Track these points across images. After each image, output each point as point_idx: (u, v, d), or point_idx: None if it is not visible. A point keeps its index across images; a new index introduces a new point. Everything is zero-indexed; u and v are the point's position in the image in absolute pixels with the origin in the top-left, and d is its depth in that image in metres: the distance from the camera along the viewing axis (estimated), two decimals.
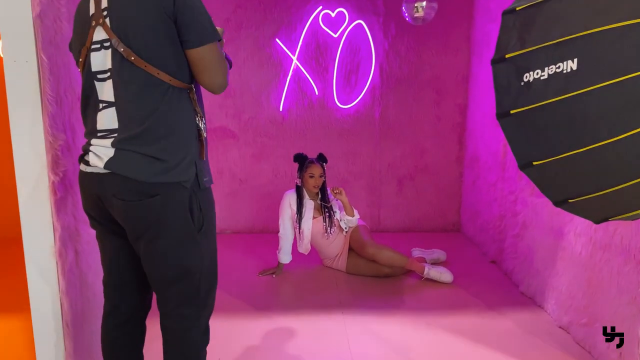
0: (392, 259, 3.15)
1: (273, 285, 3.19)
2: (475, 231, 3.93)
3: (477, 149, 3.87)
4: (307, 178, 3.23)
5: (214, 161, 4.17)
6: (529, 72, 1.29)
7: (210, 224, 1.54)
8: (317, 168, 3.24)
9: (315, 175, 3.22)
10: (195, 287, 1.53)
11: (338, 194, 3.22)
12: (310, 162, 3.26)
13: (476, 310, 2.81)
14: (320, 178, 3.24)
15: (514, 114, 1.35)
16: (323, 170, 3.27)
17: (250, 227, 4.31)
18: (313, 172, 3.22)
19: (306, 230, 3.26)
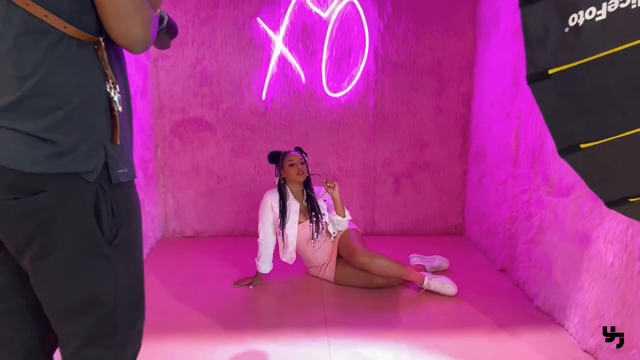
0: (387, 269, 2.75)
1: (248, 298, 2.78)
2: (481, 235, 3.53)
3: (484, 143, 3.47)
4: (288, 168, 2.83)
5: (189, 157, 3.77)
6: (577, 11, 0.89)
7: (129, 233, 1.14)
8: (296, 155, 2.87)
9: (295, 162, 2.83)
10: (109, 321, 1.12)
11: (330, 188, 2.82)
12: (286, 153, 2.87)
13: (485, 329, 2.41)
14: (302, 165, 2.84)
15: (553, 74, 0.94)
16: (303, 157, 2.87)
17: (230, 230, 3.90)
18: (292, 159, 2.84)
19: (291, 237, 2.86)
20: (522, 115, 2.86)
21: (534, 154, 2.69)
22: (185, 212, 3.87)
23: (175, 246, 3.70)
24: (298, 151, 2.92)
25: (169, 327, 2.41)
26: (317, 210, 2.91)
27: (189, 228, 3.89)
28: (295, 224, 2.86)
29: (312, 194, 2.94)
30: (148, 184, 3.51)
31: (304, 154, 2.94)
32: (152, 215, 3.62)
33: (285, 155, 2.88)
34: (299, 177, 2.84)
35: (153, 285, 2.94)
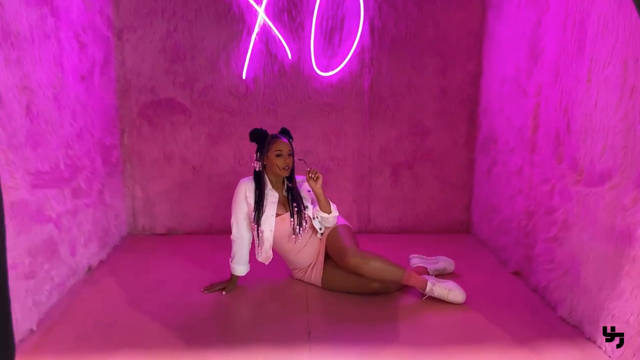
0: (383, 272, 2.36)
1: (219, 307, 2.39)
2: (492, 233, 3.15)
3: (494, 127, 3.08)
4: (273, 158, 2.43)
5: (160, 143, 3.38)
6: None
7: None
8: (285, 144, 2.46)
9: (283, 152, 2.44)
10: None
11: (312, 180, 2.44)
12: (275, 138, 2.47)
13: (499, 345, 2.04)
14: (289, 157, 2.45)
15: None
16: (291, 145, 2.48)
17: (207, 227, 3.52)
18: (280, 149, 2.44)
19: (267, 232, 2.47)
20: (542, 92, 2.47)
21: (557, 137, 2.31)
22: (155, 206, 3.47)
23: (143, 245, 3.30)
24: (286, 137, 2.52)
25: (119, 342, 2.02)
26: (299, 201, 2.52)
27: (160, 225, 3.50)
28: (273, 216, 2.47)
29: (294, 183, 2.55)
30: (111, 173, 3.11)
31: (291, 140, 2.54)
32: (117, 209, 3.22)
33: (273, 140, 2.47)
34: (284, 172, 2.46)
35: (109, 290, 2.55)
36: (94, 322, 2.19)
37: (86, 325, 2.17)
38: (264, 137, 2.49)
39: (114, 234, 3.16)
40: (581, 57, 2.11)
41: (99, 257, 2.88)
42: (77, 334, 2.10)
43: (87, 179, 2.70)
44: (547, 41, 2.42)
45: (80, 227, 2.62)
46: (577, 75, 2.14)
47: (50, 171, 2.28)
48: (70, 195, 2.50)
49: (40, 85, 2.19)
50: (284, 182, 2.57)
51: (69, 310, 2.31)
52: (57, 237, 2.35)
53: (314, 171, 2.45)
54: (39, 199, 2.18)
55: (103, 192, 2.97)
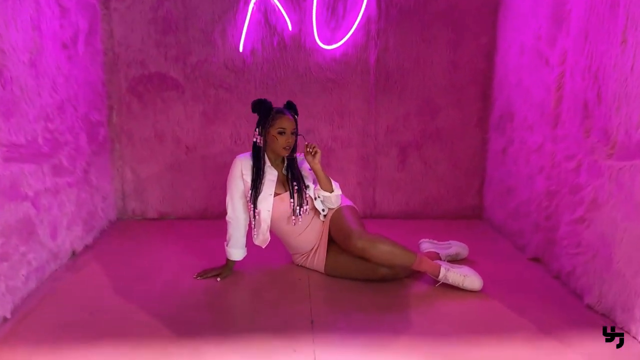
0: (392, 256, 2.17)
1: (213, 294, 2.21)
2: (507, 217, 2.96)
3: (511, 103, 2.88)
4: (275, 136, 2.24)
5: (151, 121, 3.18)
6: None
7: None
8: (289, 121, 2.26)
9: (286, 130, 2.24)
10: None
11: (309, 155, 2.26)
12: (279, 113, 2.27)
13: (523, 336, 1.85)
14: (292, 136, 2.26)
15: None
16: (296, 124, 2.28)
17: (202, 212, 3.32)
18: (284, 126, 2.24)
19: (264, 212, 2.28)
20: (567, 60, 2.27)
21: (585, 107, 2.11)
22: (147, 189, 3.28)
23: (133, 230, 3.11)
24: (291, 113, 2.32)
25: (100, 332, 1.84)
26: (300, 180, 2.33)
27: (152, 209, 3.31)
28: (271, 196, 2.28)
29: (295, 161, 2.36)
30: (97, 152, 2.91)
31: (297, 116, 2.34)
32: (104, 191, 3.03)
33: (277, 116, 2.26)
34: (284, 151, 2.26)
35: (95, 277, 2.36)
36: (75, 311, 2.01)
37: (66, 314, 1.98)
38: (267, 110, 2.29)
39: (101, 218, 2.97)
40: (614, 17, 1.91)
41: (84, 241, 2.69)
42: (55, 322, 1.91)
43: (69, 156, 2.50)
44: (573, 3, 2.21)
45: (62, 207, 2.42)
46: (609, 37, 1.94)
47: (27, 144, 2.09)
48: (50, 172, 2.30)
49: (14, 48, 1.99)
50: (284, 160, 2.38)
51: (49, 297, 2.12)
52: (34, 217, 2.15)
53: (312, 145, 2.26)
54: (13, 174, 1.99)
55: (89, 172, 2.77)
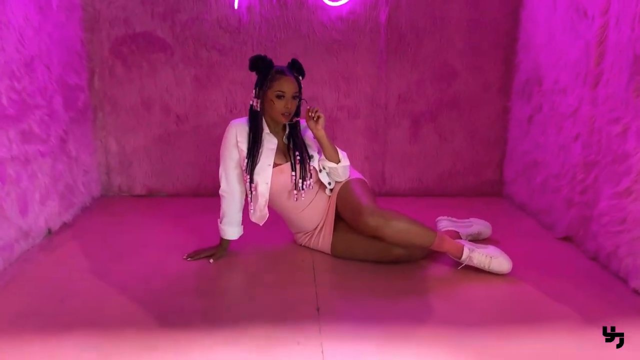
0: (410, 235, 1.92)
1: (204, 278, 1.95)
2: (532, 193, 2.69)
3: (539, 64, 2.60)
4: (273, 99, 1.97)
5: (137, 87, 2.89)
6: None
7: None
8: (290, 83, 1.98)
9: (286, 94, 1.96)
10: None
11: (311, 121, 1.99)
12: (279, 73, 1.99)
13: (566, 324, 1.61)
14: (293, 100, 1.98)
15: None
16: (299, 86, 2.00)
17: (195, 188, 3.06)
18: (283, 90, 1.96)
19: (261, 185, 2.01)
20: (610, 8, 1.98)
21: (635, 62, 1.83)
22: (133, 163, 3.01)
23: (118, 208, 2.85)
24: (294, 73, 2.03)
25: (73, 321, 1.58)
26: (303, 149, 2.06)
27: (139, 184, 3.04)
28: (270, 166, 2.02)
29: (297, 127, 2.09)
30: (76, 119, 2.63)
31: (301, 76, 2.06)
32: (86, 164, 2.76)
33: (276, 76, 1.98)
34: (284, 118, 1.99)
35: (71, 258, 2.11)
36: (45, 296, 1.75)
37: (34, 299, 1.73)
38: (266, 68, 2.01)
39: (82, 193, 2.70)
40: None
41: (61, 218, 2.43)
42: (20, 309, 1.66)
43: (41, 121, 2.22)
44: None
45: (33, 179, 2.16)
46: None
47: None
48: (17, 138, 2.03)
49: None
50: (286, 127, 2.11)
51: (16, 280, 1.87)
52: None
53: (314, 110, 1.99)
54: None
55: (66, 141, 2.50)
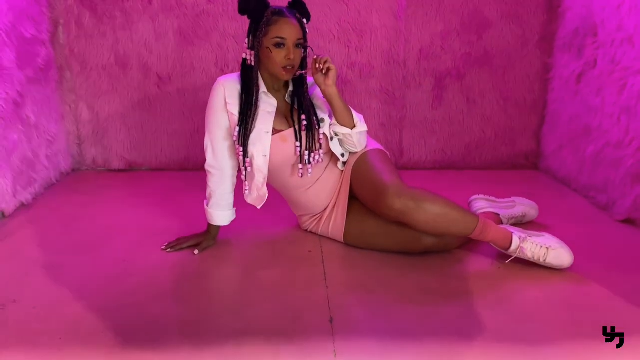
0: (446, 221, 1.53)
1: (186, 278, 1.58)
2: (580, 166, 2.30)
3: (593, 11, 2.16)
4: (270, 49, 1.56)
5: (110, 42, 2.47)
6: None
7: None
8: (292, 26, 1.56)
9: (287, 40, 1.55)
10: None
11: (319, 74, 1.57)
12: (277, 15, 1.56)
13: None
14: (297, 50, 1.57)
15: None
16: (303, 32, 1.58)
17: (181, 161, 2.67)
18: (282, 35, 1.55)
19: (259, 158, 1.62)
20: None
21: None
22: (109, 132, 2.60)
23: (90, 184, 2.47)
24: (296, 15, 1.60)
25: (11, 334, 1.21)
26: (311, 111, 1.65)
27: (117, 157, 2.64)
28: (268, 134, 1.62)
29: (303, 82, 1.67)
30: (36, 80, 2.22)
31: (305, 19, 1.63)
32: (50, 133, 2.35)
33: (273, 19, 1.55)
34: (286, 73, 1.57)
35: (23, 248, 1.73)
36: None
37: None
38: (260, 9, 1.57)
39: (46, 168, 2.31)
40: None
41: (18, 199, 2.05)
42: None
43: None
44: None
45: None
46: None
47: None
48: None
49: None
50: (288, 84, 1.69)
51: None
52: None
53: (322, 60, 1.57)
54: None
55: (23, 106, 2.09)
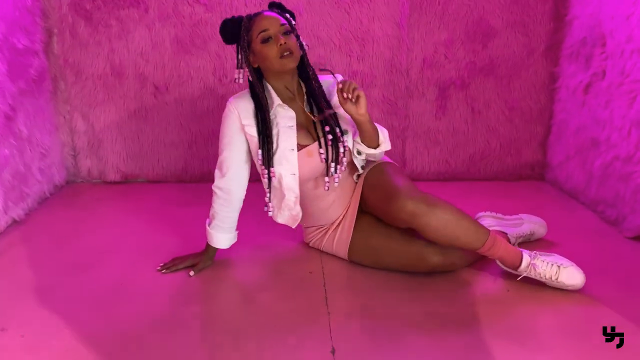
0: (457, 229, 1.48)
1: (183, 300, 1.52)
2: (588, 178, 2.24)
3: (602, 20, 2.10)
4: (261, 48, 1.52)
5: (105, 51, 2.42)
6: None
7: None
8: (270, 17, 1.54)
9: (270, 29, 1.51)
10: None
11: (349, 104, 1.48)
12: (253, 16, 1.56)
13: None
14: (286, 36, 1.51)
15: None
16: (287, 20, 1.56)
17: (179, 173, 2.61)
18: (264, 27, 1.51)
19: (287, 178, 1.58)
20: None
21: None
22: (104, 143, 2.54)
23: (86, 197, 2.41)
24: (273, 10, 1.58)
25: None
26: (334, 122, 1.59)
27: (113, 169, 2.58)
28: (294, 151, 1.56)
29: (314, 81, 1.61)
30: (28, 91, 2.16)
31: (289, 15, 1.59)
32: (44, 146, 2.29)
33: (250, 21, 1.54)
34: (287, 61, 1.51)
35: (12, 270, 1.67)
36: None
37: None
38: (236, 23, 1.56)
39: (39, 182, 2.25)
40: None
41: (9, 215, 1.99)
42: None
43: None
44: None
45: None
46: None
47: None
48: None
49: None
50: (302, 88, 1.63)
51: None
52: None
53: (350, 86, 1.47)
54: None
55: (14, 119, 2.03)
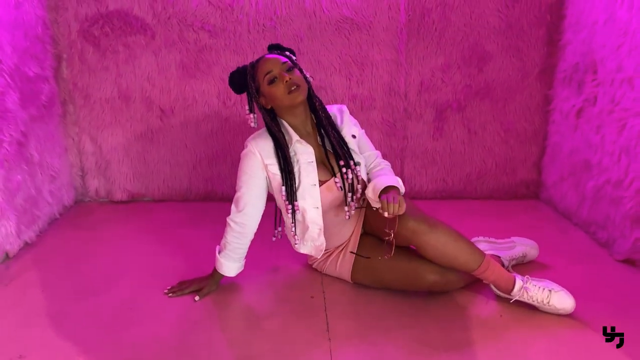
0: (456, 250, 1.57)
1: (189, 326, 1.59)
2: (580, 200, 2.31)
3: (594, 47, 2.18)
4: (270, 90, 1.63)
5: (112, 76, 2.50)
6: None
7: None
8: (272, 59, 1.64)
9: (274, 70, 1.62)
10: None
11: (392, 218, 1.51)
12: (256, 62, 1.68)
13: None
14: (290, 72, 1.62)
15: None
16: (288, 57, 1.66)
17: (184, 192, 2.69)
18: (268, 69, 1.63)
19: (311, 212, 1.67)
20: None
21: None
22: (112, 164, 2.62)
23: (94, 217, 2.48)
24: (275, 52, 1.67)
25: None
26: (347, 154, 1.68)
27: (120, 189, 2.66)
28: (315, 186, 1.66)
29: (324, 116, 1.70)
30: (39, 117, 2.24)
31: (289, 53, 1.69)
32: (53, 169, 2.37)
33: (254, 68, 1.66)
34: (295, 94, 1.60)
35: (25, 294, 1.74)
36: None
37: None
38: (242, 74, 1.68)
39: (49, 204, 2.33)
40: None
41: (21, 238, 2.06)
42: None
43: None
44: None
45: None
46: None
47: None
48: None
49: None
50: (314, 123, 1.72)
51: None
52: None
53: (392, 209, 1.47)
54: None
55: (26, 144, 2.11)
